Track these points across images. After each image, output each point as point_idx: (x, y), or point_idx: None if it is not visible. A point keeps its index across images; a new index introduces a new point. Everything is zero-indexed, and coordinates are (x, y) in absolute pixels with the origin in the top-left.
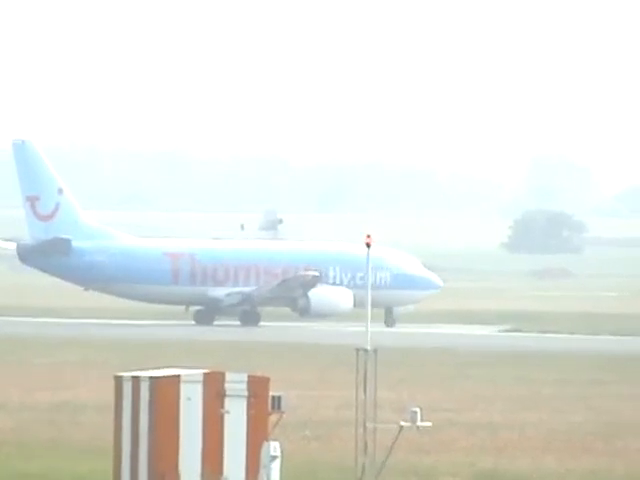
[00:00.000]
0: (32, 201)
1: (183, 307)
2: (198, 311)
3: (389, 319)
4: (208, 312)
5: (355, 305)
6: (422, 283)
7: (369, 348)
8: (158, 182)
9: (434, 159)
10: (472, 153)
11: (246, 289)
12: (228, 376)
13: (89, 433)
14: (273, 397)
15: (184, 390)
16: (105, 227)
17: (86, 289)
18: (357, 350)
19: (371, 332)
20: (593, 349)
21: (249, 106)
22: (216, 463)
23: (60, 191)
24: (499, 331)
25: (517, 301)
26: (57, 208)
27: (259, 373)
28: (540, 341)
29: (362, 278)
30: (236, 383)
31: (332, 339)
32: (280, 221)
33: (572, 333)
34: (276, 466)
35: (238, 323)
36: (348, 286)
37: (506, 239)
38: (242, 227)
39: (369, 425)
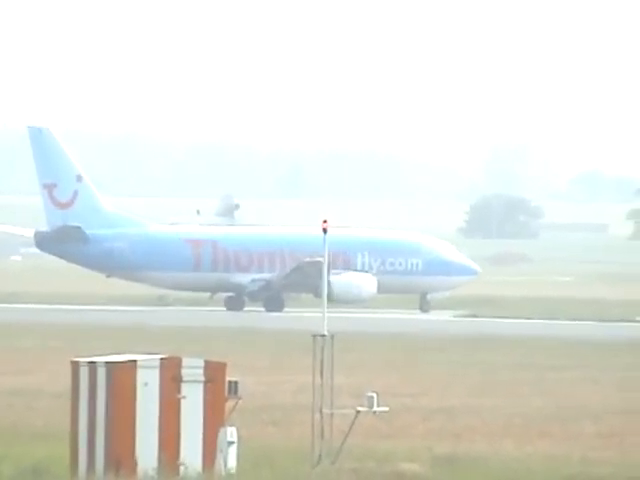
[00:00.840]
0: (49, 188)
1: (205, 294)
2: (229, 297)
3: (424, 305)
4: (238, 298)
5: (384, 291)
6: (457, 269)
7: (326, 333)
8: (113, 166)
9: (394, 145)
10: (431, 139)
11: (269, 275)
12: (185, 361)
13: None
14: (230, 382)
15: (141, 375)
16: (127, 214)
17: (108, 276)
18: (314, 336)
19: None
20: (549, 334)
21: (208, 90)
22: (173, 448)
23: (79, 178)
24: (455, 316)
25: (473, 286)
26: (75, 195)
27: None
28: (496, 326)
29: (392, 264)
30: (193, 368)
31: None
32: (237, 207)
33: (528, 318)
34: (233, 451)
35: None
36: (377, 272)
37: (463, 224)
38: (198, 212)
39: (325, 411)
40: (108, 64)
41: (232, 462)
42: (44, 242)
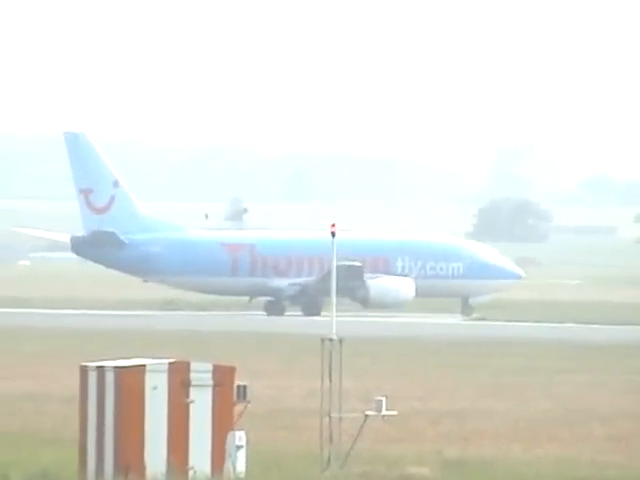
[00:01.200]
0: (86, 194)
1: (241, 298)
2: (269, 302)
3: (466, 309)
4: (278, 303)
5: (425, 295)
6: (499, 273)
7: (334, 337)
8: (120, 171)
9: (400, 148)
10: (437, 143)
11: (304, 280)
12: (193, 365)
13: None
14: (238, 386)
15: (149, 380)
16: (165, 219)
17: (145, 281)
18: (322, 339)
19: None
20: (558, 337)
21: (215, 94)
22: (182, 453)
23: (115, 184)
24: (464, 319)
25: None
26: (112, 201)
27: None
28: (505, 329)
29: (433, 268)
30: (201, 372)
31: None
32: (245, 210)
33: (537, 321)
34: (241, 456)
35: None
36: (418, 276)
37: (471, 228)
38: (206, 216)
39: (334, 415)
40: (110, 69)
41: (241, 466)
42: (80, 247)
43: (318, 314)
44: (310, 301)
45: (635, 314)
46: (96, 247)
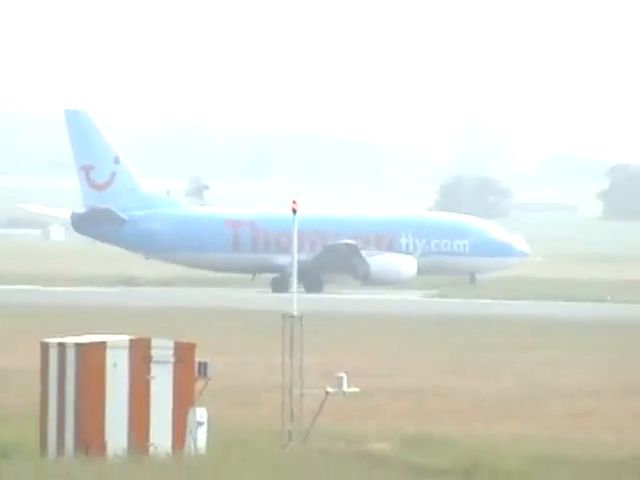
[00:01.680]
0: (86, 170)
1: (242, 275)
2: (274, 278)
3: (472, 286)
4: (283, 279)
5: (430, 272)
6: (505, 250)
7: (295, 314)
8: None
9: (364, 127)
10: (400, 121)
11: (305, 257)
12: (154, 342)
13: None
14: (199, 363)
15: (110, 356)
16: (166, 196)
17: (146, 258)
18: (283, 316)
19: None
20: (518, 314)
21: (178, 70)
22: (142, 429)
23: (116, 160)
24: (426, 296)
25: None
26: (113, 177)
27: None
28: (466, 306)
29: (438, 245)
30: (162, 349)
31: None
32: (206, 187)
33: (497, 298)
34: (202, 432)
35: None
36: (423, 253)
37: (432, 204)
38: (168, 193)
39: (295, 391)
40: (80, 44)
41: (202, 443)
42: (80, 224)
43: (320, 291)
44: (311, 278)
45: (597, 290)
46: (96, 224)
